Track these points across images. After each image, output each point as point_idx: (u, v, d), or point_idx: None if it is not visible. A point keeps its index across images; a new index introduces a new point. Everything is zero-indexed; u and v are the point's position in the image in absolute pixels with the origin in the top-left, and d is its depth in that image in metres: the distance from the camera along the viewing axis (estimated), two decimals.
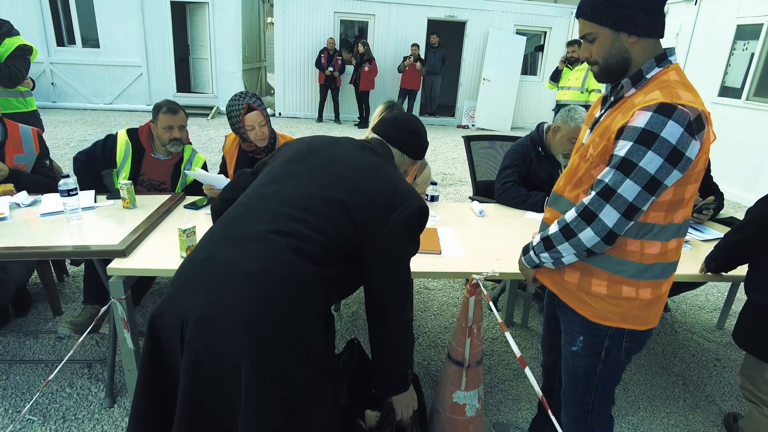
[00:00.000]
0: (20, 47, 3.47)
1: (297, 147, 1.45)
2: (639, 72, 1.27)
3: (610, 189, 1.22)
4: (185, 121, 2.69)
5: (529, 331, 2.95)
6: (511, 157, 2.73)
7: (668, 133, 1.14)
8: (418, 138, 1.52)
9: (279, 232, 1.20)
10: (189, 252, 1.83)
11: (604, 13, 1.25)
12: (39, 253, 1.88)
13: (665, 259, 1.33)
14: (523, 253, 1.56)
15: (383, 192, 1.32)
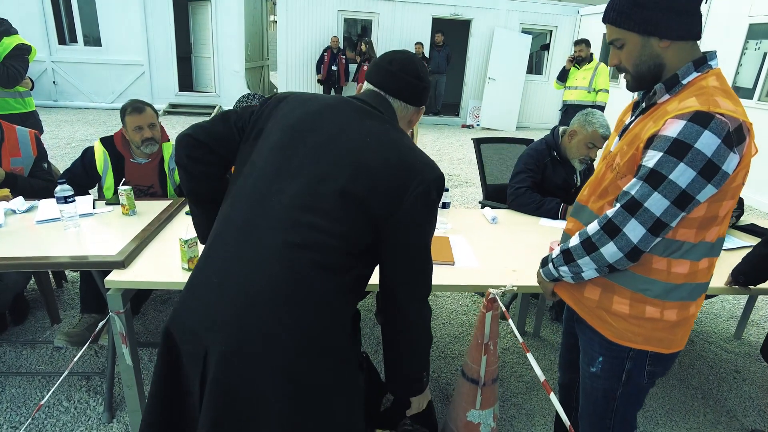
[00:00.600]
0: (18, 46, 3.38)
1: (290, 122, 1.17)
2: (674, 77, 1.17)
3: (636, 202, 1.14)
4: (155, 119, 2.57)
5: (541, 340, 2.86)
6: (524, 161, 2.64)
7: (703, 144, 1.05)
8: (419, 83, 1.28)
9: (295, 245, 1.06)
10: (191, 264, 1.75)
11: (630, 17, 1.17)
12: (35, 264, 1.80)
13: (694, 279, 1.24)
14: (541, 266, 1.47)
15: (391, 170, 1.10)
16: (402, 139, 1.17)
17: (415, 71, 1.26)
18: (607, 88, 5.90)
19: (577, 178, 2.71)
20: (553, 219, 2.50)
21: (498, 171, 3.33)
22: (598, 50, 9.28)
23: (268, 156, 1.14)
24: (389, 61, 1.26)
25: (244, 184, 1.15)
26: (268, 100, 1.25)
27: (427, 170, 1.14)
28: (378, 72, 1.27)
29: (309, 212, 1.07)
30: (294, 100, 1.22)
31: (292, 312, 1.05)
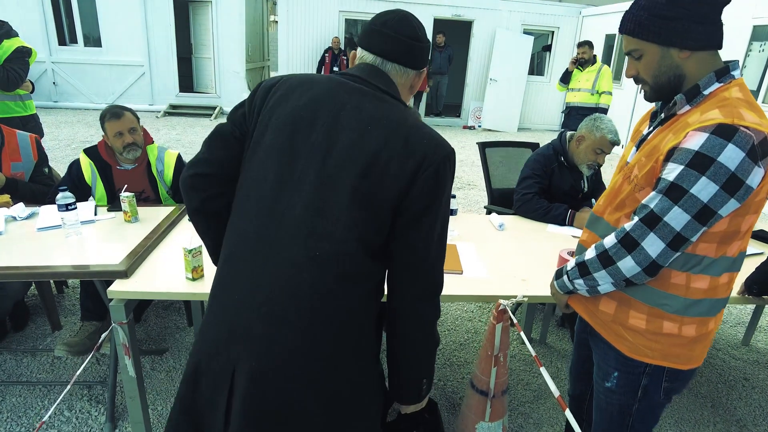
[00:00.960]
0: (19, 49, 3.35)
1: (284, 120, 1.07)
2: (695, 87, 1.14)
3: (655, 216, 1.10)
4: (135, 123, 2.49)
5: (547, 347, 2.83)
6: (531, 167, 2.61)
7: (727, 157, 1.02)
8: (418, 43, 1.15)
9: (314, 258, 1.02)
10: (195, 273, 1.71)
11: (649, 28, 1.13)
12: (35, 274, 1.77)
13: (714, 294, 1.20)
14: (555, 277, 1.44)
15: (398, 157, 1.02)
16: (405, 117, 1.07)
17: (412, 31, 1.14)
18: (610, 91, 5.87)
19: (584, 184, 2.68)
20: (561, 225, 2.47)
21: (503, 175, 3.29)
22: (600, 52, 9.25)
23: (269, 163, 1.07)
24: (382, 22, 1.13)
25: (250, 195, 1.08)
26: (256, 93, 1.14)
27: (436, 149, 1.04)
28: (371, 36, 1.14)
29: (322, 222, 1.03)
30: (283, 88, 1.10)
31: (319, 326, 1.03)
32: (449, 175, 1.07)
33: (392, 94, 1.10)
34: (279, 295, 1.02)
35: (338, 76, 1.12)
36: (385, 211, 1.03)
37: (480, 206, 5.30)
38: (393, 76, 1.14)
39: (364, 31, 1.17)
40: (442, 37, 9.84)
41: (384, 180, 1.01)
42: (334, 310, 1.04)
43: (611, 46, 9.30)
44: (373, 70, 1.12)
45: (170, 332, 2.73)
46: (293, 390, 1.04)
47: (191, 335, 2.70)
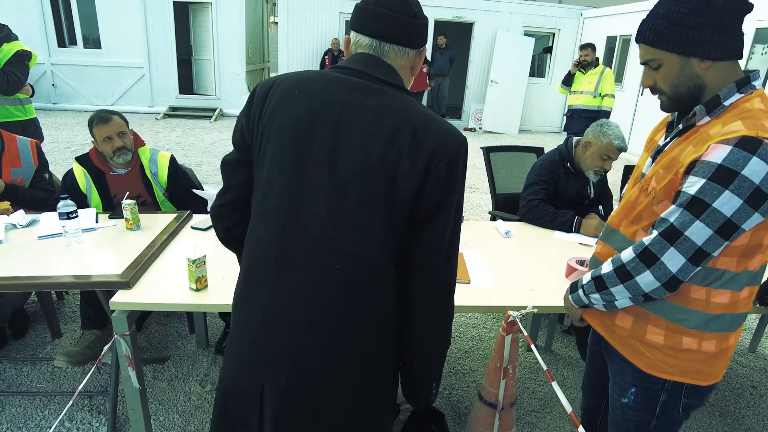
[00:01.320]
0: (19, 53, 3.32)
1: (286, 130, 1.02)
2: (716, 98, 1.11)
3: (675, 230, 1.08)
4: (124, 126, 2.45)
5: (553, 354, 2.80)
6: (537, 172, 2.58)
7: (751, 171, 0.99)
8: (415, 20, 1.06)
9: (336, 272, 1.01)
10: (199, 284, 1.68)
11: (669, 38, 1.09)
12: (36, 284, 1.74)
13: (735, 309, 1.17)
14: (570, 291, 1.41)
15: (408, 154, 0.97)
16: (410, 110, 1.01)
17: (407, 7, 1.05)
18: (613, 93, 5.84)
19: (590, 190, 2.65)
20: (568, 232, 2.44)
21: (506, 179, 3.27)
22: (602, 54, 9.23)
23: (276, 176, 1.02)
24: (375, 1, 1.05)
25: (264, 210, 1.06)
26: (253, 101, 1.07)
27: (446, 140, 0.99)
28: (365, 16, 1.06)
29: (339, 232, 1.00)
30: (279, 92, 1.04)
31: (345, 339, 1.04)
32: (462, 167, 1.02)
33: (394, 83, 1.04)
34: (302, 311, 1.02)
35: (335, 71, 1.06)
36: (401, 211, 1.00)
37: (483, 210, 5.27)
38: (392, 59, 1.07)
39: (356, 12, 1.08)
40: (444, 38, 9.82)
41: (396, 182, 0.98)
42: (359, 322, 1.04)
43: (612, 48, 9.29)
44: (371, 60, 1.05)
45: (172, 340, 2.70)
46: (324, 405, 1.06)
47: (193, 343, 2.67)
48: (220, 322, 2.83)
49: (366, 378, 1.09)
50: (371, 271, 1.02)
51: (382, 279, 1.04)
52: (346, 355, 1.05)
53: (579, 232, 2.42)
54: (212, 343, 2.65)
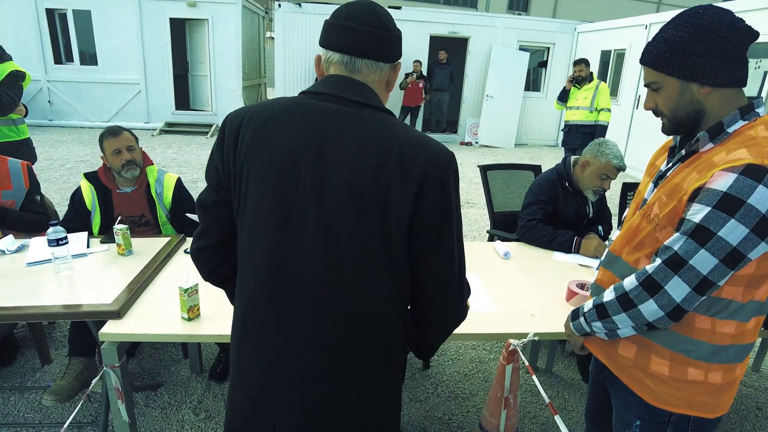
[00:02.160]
0: (12, 73, 3.29)
1: (266, 168, 0.97)
2: (719, 125, 1.09)
3: (679, 259, 1.05)
4: (133, 141, 2.49)
5: (554, 377, 2.75)
6: (535, 192, 2.55)
7: (757, 200, 0.97)
8: (389, 33, 1.02)
9: (336, 311, 0.99)
10: (191, 313, 1.64)
11: (670, 62, 1.09)
12: (23, 315, 1.68)
13: (742, 340, 1.15)
14: (571, 319, 1.38)
15: (398, 180, 0.94)
16: (392, 132, 0.97)
17: (378, 20, 1.01)
18: (609, 108, 5.86)
19: (589, 209, 2.63)
20: (567, 253, 2.41)
21: (504, 195, 3.25)
22: (596, 68, 9.30)
23: (261, 219, 0.98)
24: (345, 15, 1.00)
25: (252, 253, 1.02)
26: (224, 139, 1.02)
27: (434, 161, 0.96)
28: (335, 32, 1.01)
29: (336, 272, 0.97)
30: (252, 128, 0.99)
31: (354, 375, 1.04)
32: (454, 184, 1.00)
33: (371, 104, 1.00)
34: (307, 351, 1.01)
35: (309, 97, 1.00)
36: (398, 242, 0.98)
37: (480, 226, 5.24)
38: (365, 74, 1.02)
39: (325, 28, 1.03)
40: (445, 54, 9.90)
41: (389, 212, 0.95)
42: (365, 355, 1.04)
43: (607, 62, 9.35)
44: (345, 82, 1.01)
45: (165, 365, 2.64)
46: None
47: (187, 368, 2.61)
48: (214, 347, 2.77)
49: (375, 401, 1.09)
50: (372, 307, 1.01)
51: (385, 312, 1.03)
52: (354, 387, 1.05)
53: (578, 252, 2.39)
54: (206, 369, 2.59)
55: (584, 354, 1.44)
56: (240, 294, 1.06)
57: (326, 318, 0.99)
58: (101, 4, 9.35)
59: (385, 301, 1.02)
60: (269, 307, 1.01)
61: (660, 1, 28.82)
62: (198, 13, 9.66)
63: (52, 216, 2.77)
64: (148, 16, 9.51)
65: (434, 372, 2.69)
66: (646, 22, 8.11)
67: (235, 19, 9.74)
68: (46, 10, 9.30)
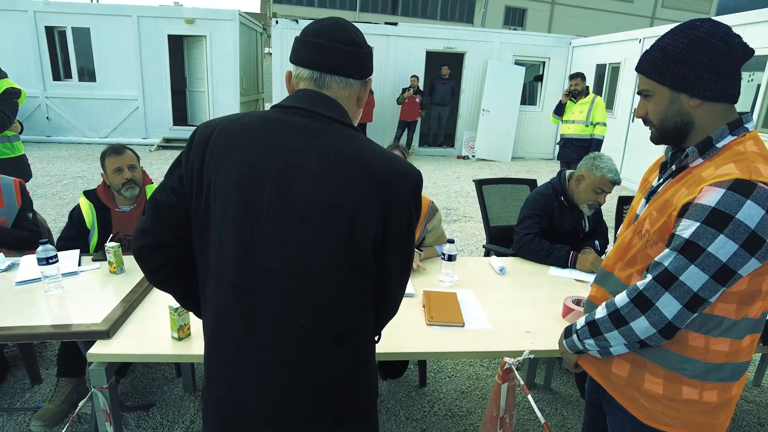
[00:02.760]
0: (8, 90, 3.30)
1: (231, 183, 0.96)
2: (708, 140, 1.09)
3: (670, 275, 1.05)
4: (135, 161, 2.51)
5: (552, 393, 2.71)
6: (530, 206, 2.54)
7: (746, 215, 0.97)
8: (359, 50, 1.03)
9: (304, 328, 0.99)
10: (181, 333, 1.62)
11: (662, 71, 1.10)
12: (11, 336, 1.66)
13: (737, 358, 1.13)
14: (564, 336, 1.36)
15: (367, 197, 0.95)
16: (361, 148, 0.98)
17: (348, 36, 1.02)
18: (604, 122, 5.88)
19: (585, 223, 2.62)
20: (563, 268, 2.39)
21: (500, 209, 3.24)
22: (591, 82, 9.36)
23: (226, 234, 0.97)
24: (314, 32, 1.01)
25: (219, 270, 1.00)
26: (191, 148, 1.01)
27: (402, 181, 0.99)
28: (304, 48, 1.02)
29: (301, 287, 0.97)
30: (221, 142, 0.98)
31: (326, 395, 1.03)
32: (419, 201, 1.04)
33: (340, 120, 1.01)
34: (270, 368, 0.99)
35: (279, 111, 1.01)
36: (364, 254, 0.99)
37: (477, 240, 5.22)
38: (335, 91, 1.03)
39: (296, 44, 1.04)
40: (447, 69, 9.98)
41: (355, 229, 0.96)
42: (336, 372, 1.03)
43: (602, 75, 9.43)
44: (315, 97, 1.01)
45: (158, 384, 2.60)
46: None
47: (179, 387, 2.57)
48: None
49: (349, 403, 1.08)
50: (340, 322, 1.01)
51: (354, 324, 1.04)
52: (338, 400, 1.05)
53: (574, 267, 2.37)
54: (200, 387, 2.55)
55: (578, 372, 1.42)
56: (209, 308, 1.04)
57: (291, 335, 0.98)
58: (100, 22, 9.43)
59: (353, 312, 1.03)
60: (234, 326, 1.00)
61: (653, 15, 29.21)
62: (196, 30, 9.75)
63: (44, 233, 2.75)
64: (146, 34, 9.59)
65: (431, 390, 2.65)
66: (640, 36, 8.19)
67: (233, 35, 9.82)
68: (46, 28, 9.38)
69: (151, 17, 9.56)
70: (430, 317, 1.81)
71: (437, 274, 2.22)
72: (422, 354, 1.66)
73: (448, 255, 2.13)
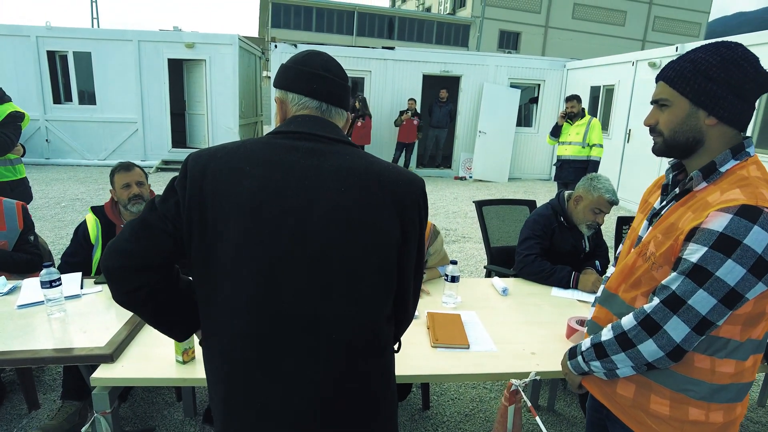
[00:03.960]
0: (12, 114, 3.33)
1: (245, 209, 0.96)
2: (711, 164, 1.12)
3: (678, 299, 1.07)
4: (143, 177, 2.56)
5: (556, 415, 2.69)
6: (531, 227, 2.56)
7: (753, 240, 0.99)
8: (346, 83, 1.11)
9: (333, 345, 1.00)
10: (186, 356, 1.61)
11: (689, 82, 1.10)
12: (12, 360, 1.64)
13: (741, 379, 1.15)
14: (569, 357, 1.37)
15: (378, 209, 0.99)
16: (368, 163, 1.02)
17: (343, 72, 1.11)
18: (601, 143, 5.96)
19: (585, 244, 2.63)
20: (565, 288, 2.40)
21: (500, 230, 3.25)
22: (586, 104, 9.50)
23: (246, 259, 0.96)
24: (322, 66, 1.07)
25: (235, 296, 0.98)
26: (186, 178, 0.99)
27: (410, 187, 1.05)
28: (311, 80, 1.05)
29: (330, 307, 0.98)
30: (224, 172, 0.97)
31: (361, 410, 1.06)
32: (426, 203, 1.10)
33: (346, 141, 1.06)
34: (309, 397, 1.00)
35: (281, 137, 1.02)
36: (390, 263, 1.03)
37: (477, 261, 5.23)
38: (336, 120, 1.09)
39: (299, 74, 1.06)
40: (445, 92, 10.12)
41: (379, 238, 1.00)
42: (368, 387, 1.06)
43: (596, 97, 9.57)
44: (317, 121, 1.05)
45: (158, 409, 2.56)
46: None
47: (180, 411, 2.53)
48: None
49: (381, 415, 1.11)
50: (370, 333, 1.04)
51: (381, 335, 1.06)
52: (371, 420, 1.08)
53: (576, 287, 2.38)
54: (200, 412, 2.52)
55: (582, 393, 1.41)
56: (220, 347, 1.02)
57: (324, 357, 0.99)
58: (101, 47, 9.56)
59: (384, 327, 1.07)
60: (256, 353, 0.99)
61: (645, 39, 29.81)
62: (196, 53, 9.88)
63: (45, 256, 2.74)
64: (146, 57, 9.71)
65: (434, 413, 2.62)
66: (634, 59, 8.35)
67: (233, 59, 9.95)
68: (48, 52, 9.49)
69: (152, 41, 9.69)
70: (435, 339, 1.80)
71: (440, 296, 2.22)
72: (428, 377, 1.65)
73: (451, 276, 2.14)
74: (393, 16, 28.32)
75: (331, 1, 26.06)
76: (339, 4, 26.45)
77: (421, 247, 1.13)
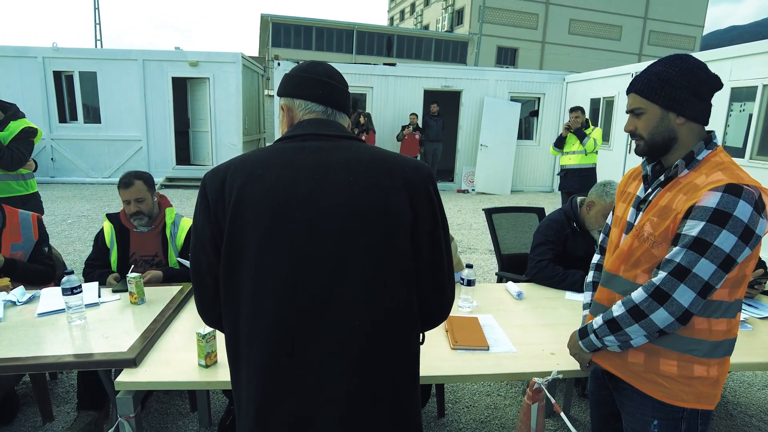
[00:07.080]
0: (25, 130, 3.39)
1: (270, 207, 1.01)
2: (690, 154, 1.29)
3: (683, 269, 1.20)
4: (143, 192, 2.55)
5: (571, 420, 2.67)
6: (544, 233, 2.58)
7: (740, 212, 1.16)
8: (346, 89, 1.17)
9: (364, 340, 1.03)
10: (209, 360, 1.61)
11: (656, 91, 1.28)
12: (35, 366, 1.65)
13: (730, 335, 1.31)
14: (580, 337, 1.47)
15: (391, 193, 1.03)
16: (376, 153, 1.08)
17: (341, 78, 1.17)
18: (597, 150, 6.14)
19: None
20: (578, 292, 2.40)
21: (509, 238, 3.27)
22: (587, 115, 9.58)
23: (270, 257, 1.00)
24: (326, 73, 1.14)
25: (264, 298, 1.01)
26: (208, 200, 1.06)
27: (417, 172, 1.08)
28: (316, 86, 1.12)
29: (355, 296, 1.01)
30: (243, 180, 1.02)
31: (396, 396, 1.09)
32: (436, 189, 1.12)
33: (351, 136, 1.11)
34: (348, 384, 1.03)
35: (288, 142, 1.08)
36: (404, 247, 1.06)
37: (484, 271, 5.23)
38: (341, 123, 1.17)
39: (305, 81, 1.13)
40: (436, 106, 10.18)
41: (391, 223, 1.02)
42: (399, 373, 1.09)
43: (596, 109, 9.67)
44: (322, 122, 1.11)
45: (172, 419, 2.55)
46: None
47: (195, 422, 2.52)
48: (223, 398, 2.69)
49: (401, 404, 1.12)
50: (394, 321, 1.07)
51: (404, 323, 1.09)
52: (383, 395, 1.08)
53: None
54: (215, 422, 2.51)
55: (590, 370, 1.50)
56: (249, 346, 1.04)
57: (355, 343, 1.02)
58: (107, 66, 9.69)
59: (403, 310, 1.08)
60: (293, 346, 1.02)
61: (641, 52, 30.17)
62: (199, 72, 10.01)
63: (59, 267, 2.76)
64: (151, 76, 9.83)
65: (449, 420, 2.61)
66: (632, 71, 8.47)
67: (236, 77, 10.07)
68: (54, 72, 9.62)
69: (156, 61, 9.83)
70: (454, 341, 1.81)
71: (456, 300, 2.23)
72: (450, 377, 1.66)
73: (467, 280, 2.15)
74: (392, 34, 28.75)
75: (330, 20, 26.47)
76: (338, 23, 26.87)
77: (437, 230, 1.11)
